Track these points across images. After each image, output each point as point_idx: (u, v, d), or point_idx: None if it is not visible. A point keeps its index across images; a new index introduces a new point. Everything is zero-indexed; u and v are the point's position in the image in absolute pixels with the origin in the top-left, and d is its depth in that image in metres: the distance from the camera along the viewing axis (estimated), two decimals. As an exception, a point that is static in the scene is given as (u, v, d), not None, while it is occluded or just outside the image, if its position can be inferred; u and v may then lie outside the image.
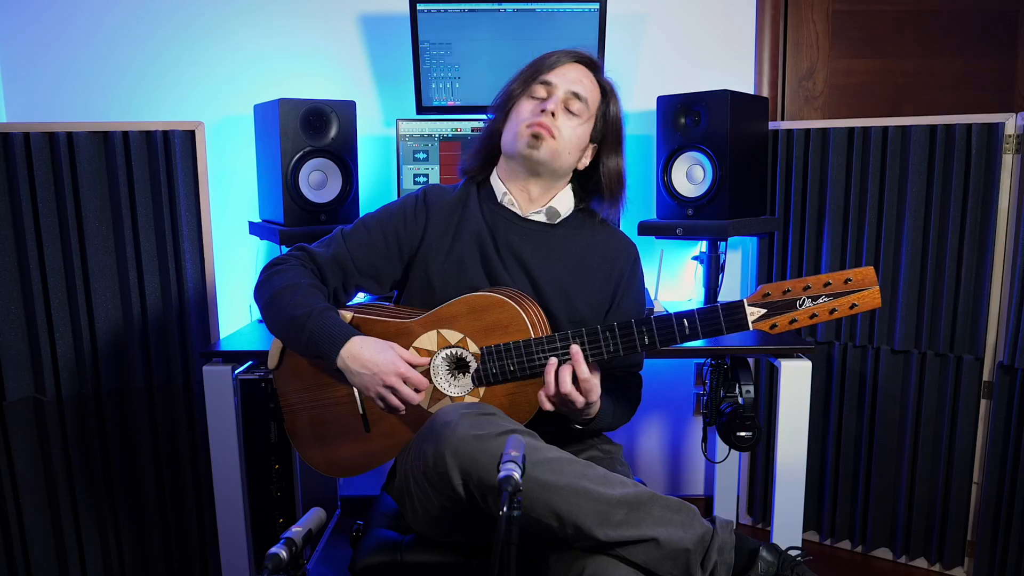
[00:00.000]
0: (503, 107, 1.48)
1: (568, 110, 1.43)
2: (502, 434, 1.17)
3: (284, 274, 1.42)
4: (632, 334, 1.30)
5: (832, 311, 1.21)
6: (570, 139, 1.44)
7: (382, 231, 1.47)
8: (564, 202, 1.51)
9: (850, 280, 1.20)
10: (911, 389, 2.19)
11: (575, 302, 1.46)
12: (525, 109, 1.44)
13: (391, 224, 1.47)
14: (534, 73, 1.45)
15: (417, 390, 1.34)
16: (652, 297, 2.19)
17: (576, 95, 1.44)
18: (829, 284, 1.21)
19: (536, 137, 1.40)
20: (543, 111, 1.41)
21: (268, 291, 1.41)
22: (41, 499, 1.99)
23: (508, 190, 1.49)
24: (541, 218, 1.49)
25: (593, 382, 1.30)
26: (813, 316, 1.22)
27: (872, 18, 2.42)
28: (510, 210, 1.49)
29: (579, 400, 1.30)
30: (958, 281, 2.09)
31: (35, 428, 1.98)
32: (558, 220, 1.50)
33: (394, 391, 1.32)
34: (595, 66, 1.49)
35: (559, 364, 1.30)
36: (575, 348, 1.29)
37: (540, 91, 1.44)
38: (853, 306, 1.20)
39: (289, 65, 2.35)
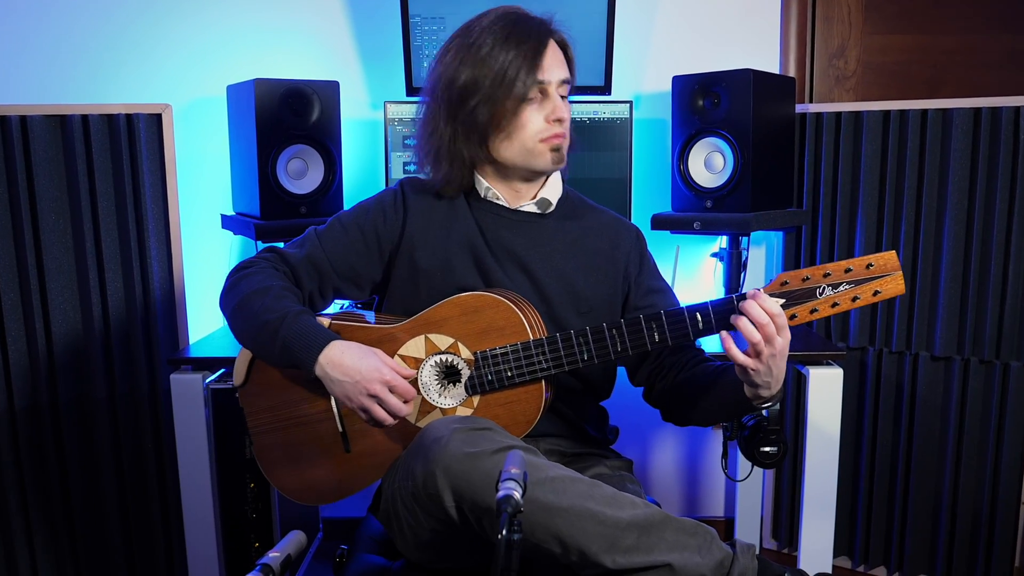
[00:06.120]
0: (488, 113, 1.34)
1: (562, 97, 1.40)
2: (499, 451, 1.14)
3: (253, 277, 1.38)
4: (641, 331, 1.28)
5: (854, 299, 1.21)
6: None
7: (359, 228, 1.44)
8: (553, 190, 1.48)
9: (872, 265, 1.20)
10: (953, 399, 2.14)
11: (580, 291, 1.44)
12: (533, 121, 1.36)
13: (369, 219, 1.45)
14: (527, 76, 1.33)
15: (405, 401, 1.30)
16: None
17: (565, 81, 1.39)
18: (850, 270, 1.21)
19: (557, 151, 1.39)
20: (557, 120, 1.37)
21: (235, 297, 1.37)
22: (-8, 519, 1.97)
23: (491, 186, 1.45)
24: (531, 208, 1.47)
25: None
26: (835, 305, 1.22)
27: (910, -10, 2.42)
28: (496, 203, 1.46)
29: (786, 333, 1.20)
30: (1004, 280, 2.04)
31: (-15, 442, 1.95)
32: (549, 209, 1.47)
33: (379, 401, 1.28)
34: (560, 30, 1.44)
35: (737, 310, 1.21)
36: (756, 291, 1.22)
37: (535, 92, 1.36)
38: (876, 293, 1.20)
39: (266, 42, 2.31)
